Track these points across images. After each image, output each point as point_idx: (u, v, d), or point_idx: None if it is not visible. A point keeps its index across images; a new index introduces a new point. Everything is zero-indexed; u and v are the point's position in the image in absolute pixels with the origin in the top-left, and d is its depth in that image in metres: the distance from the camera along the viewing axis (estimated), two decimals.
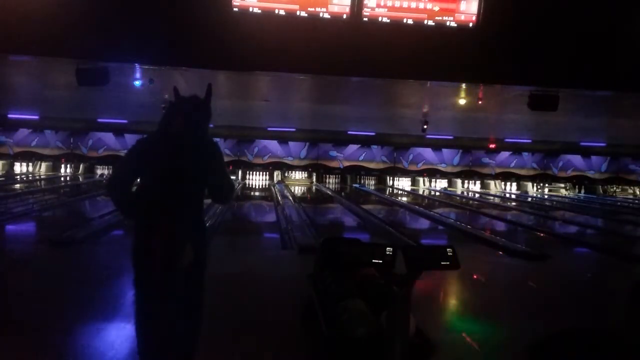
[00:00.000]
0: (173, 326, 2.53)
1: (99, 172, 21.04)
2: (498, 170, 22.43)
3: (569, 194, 22.18)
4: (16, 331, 3.84)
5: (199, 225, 2.66)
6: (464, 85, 9.30)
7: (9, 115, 18.99)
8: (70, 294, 4.76)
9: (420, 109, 13.70)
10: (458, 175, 22.26)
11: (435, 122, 14.99)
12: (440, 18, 6.77)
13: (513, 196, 20.25)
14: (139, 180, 2.66)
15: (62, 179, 19.61)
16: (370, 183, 22.00)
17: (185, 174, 2.53)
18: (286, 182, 20.58)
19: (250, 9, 6.61)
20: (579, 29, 7.03)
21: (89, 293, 4.75)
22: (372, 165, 21.96)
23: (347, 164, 21.83)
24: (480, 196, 19.80)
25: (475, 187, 22.44)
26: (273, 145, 21.31)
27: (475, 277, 6.32)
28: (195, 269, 2.58)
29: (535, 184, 22.74)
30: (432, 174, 22.22)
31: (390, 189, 21.02)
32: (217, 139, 13.88)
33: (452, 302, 5.54)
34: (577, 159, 22.42)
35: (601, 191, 22.45)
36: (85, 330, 3.88)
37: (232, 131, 19.11)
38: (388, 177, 22.09)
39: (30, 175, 20.04)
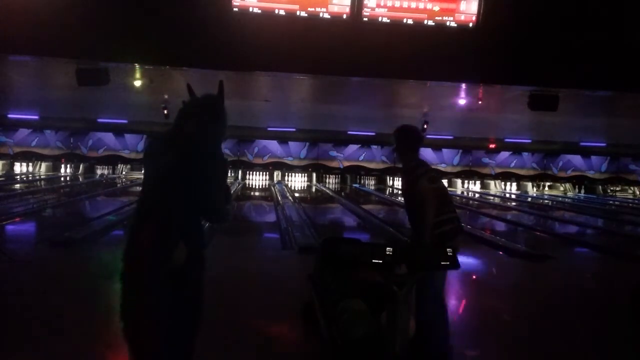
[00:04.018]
0: (163, 329, 2.45)
1: (99, 172, 21.04)
2: (498, 170, 22.42)
3: (567, 191, 22.21)
4: (16, 332, 3.84)
5: (197, 228, 2.57)
6: (464, 85, 9.30)
7: (9, 115, 18.99)
8: (70, 294, 4.76)
9: (420, 109, 13.71)
10: (458, 175, 22.23)
11: (435, 122, 14.99)
12: (440, 18, 6.77)
13: (513, 196, 20.26)
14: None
15: (62, 179, 19.61)
16: (370, 183, 22.00)
17: (182, 176, 2.46)
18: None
19: (250, 9, 6.61)
20: (579, 29, 7.02)
21: (90, 293, 4.74)
22: (372, 165, 21.94)
23: (347, 164, 21.81)
24: (480, 196, 19.80)
25: (475, 187, 22.44)
26: (273, 145, 21.30)
27: (474, 277, 6.32)
28: (191, 272, 2.51)
29: (534, 184, 22.75)
30: None
31: (390, 189, 21.02)
32: None
33: (452, 303, 5.54)
34: (577, 159, 22.41)
35: (601, 191, 22.45)
36: (85, 330, 3.88)
37: (232, 131, 19.08)
38: (388, 177, 22.08)
39: (30, 175, 20.04)
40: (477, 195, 20.32)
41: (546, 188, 22.91)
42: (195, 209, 2.51)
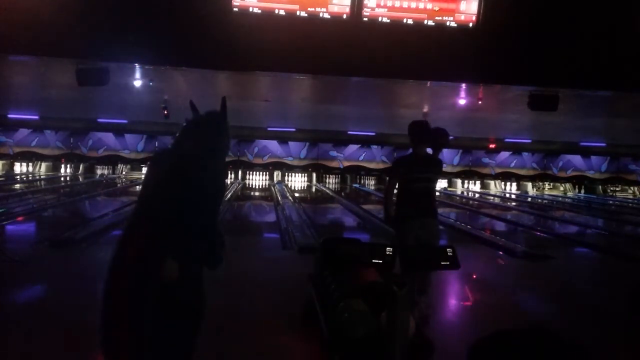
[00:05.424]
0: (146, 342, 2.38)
1: (99, 172, 21.03)
2: (498, 170, 22.41)
3: (567, 191, 22.21)
4: (17, 332, 3.84)
5: (195, 245, 2.54)
6: (464, 85, 9.30)
7: (9, 115, 18.98)
8: (70, 294, 4.76)
9: (420, 109, 13.69)
10: (458, 175, 22.23)
11: (435, 122, 14.93)
12: (440, 18, 6.77)
13: (513, 196, 20.27)
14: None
15: (62, 179, 19.61)
16: (370, 183, 21.99)
17: (174, 190, 2.44)
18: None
19: (250, 9, 6.61)
20: (579, 29, 7.02)
21: (89, 293, 4.74)
22: (372, 165, 21.94)
23: (347, 164, 21.81)
24: (480, 196, 19.80)
25: (475, 187, 22.43)
26: (273, 145, 21.30)
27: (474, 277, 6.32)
28: (185, 290, 2.46)
29: (534, 184, 22.75)
30: None
31: None
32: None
33: (452, 303, 5.54)
34: (577, 159, 22.40)
35: (601, 191, 22.44)
36: (85, 330, 3.88)
37: (232, 131, 19.06)
38: (388, 178, 22.04)
39: (30, 175, 20.03)
40: (477, 195, 20.32)
41: (546, 188, 22.91)
42: (189, 225, 2.46)
